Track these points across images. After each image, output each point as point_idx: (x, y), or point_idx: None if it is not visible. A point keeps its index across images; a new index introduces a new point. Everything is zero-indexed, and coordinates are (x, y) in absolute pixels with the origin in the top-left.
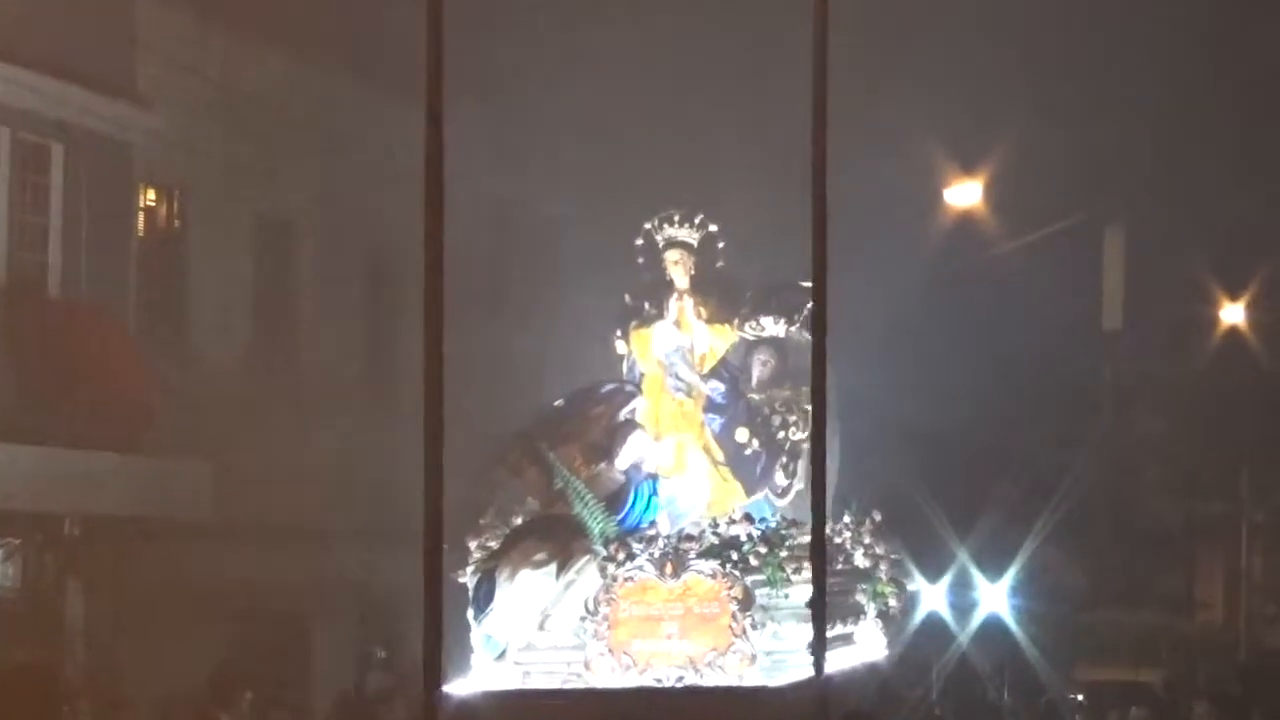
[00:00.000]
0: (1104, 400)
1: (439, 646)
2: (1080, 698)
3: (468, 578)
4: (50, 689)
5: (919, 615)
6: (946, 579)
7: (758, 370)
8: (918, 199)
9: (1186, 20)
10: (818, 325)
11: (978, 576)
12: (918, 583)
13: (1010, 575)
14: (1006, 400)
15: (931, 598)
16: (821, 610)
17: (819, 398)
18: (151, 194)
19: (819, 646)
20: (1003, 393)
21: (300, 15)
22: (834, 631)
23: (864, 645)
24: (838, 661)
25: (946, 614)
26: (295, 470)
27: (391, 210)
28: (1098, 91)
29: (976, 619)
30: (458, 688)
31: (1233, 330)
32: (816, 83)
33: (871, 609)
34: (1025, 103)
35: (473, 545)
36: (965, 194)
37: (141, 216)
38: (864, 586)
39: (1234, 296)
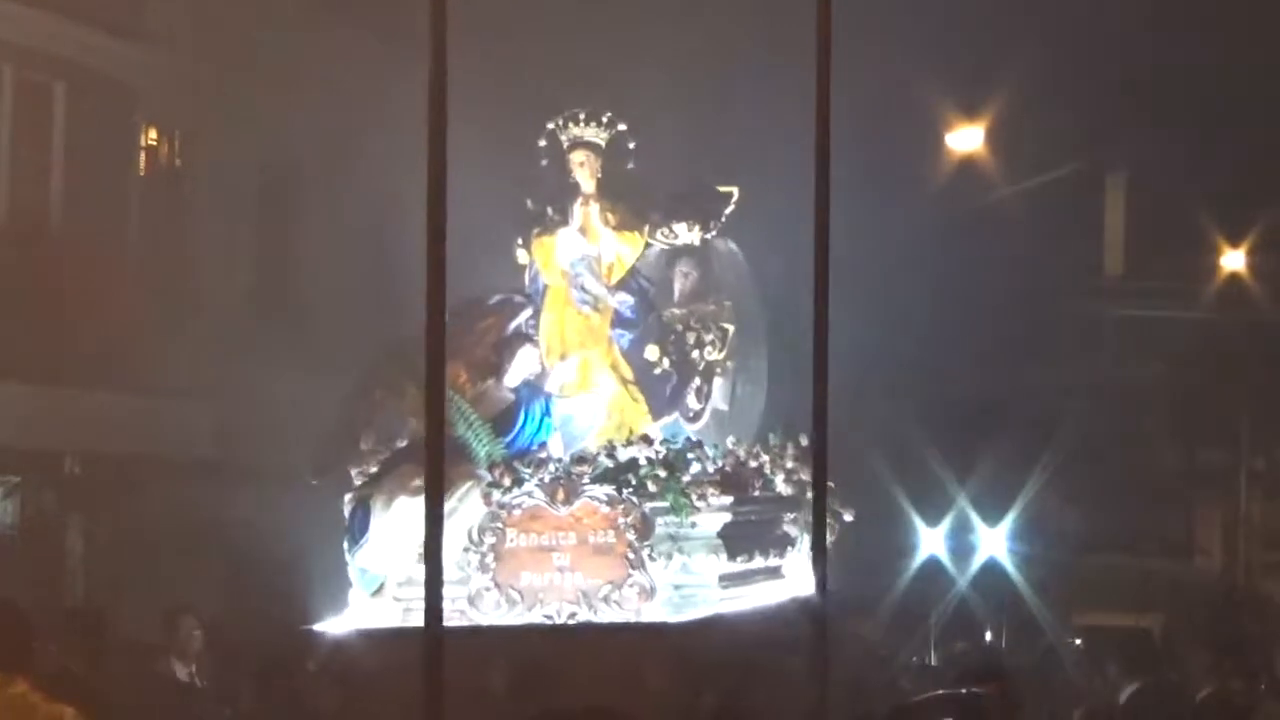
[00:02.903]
0: (1105, 345)
1: (439, 585)
2: (1078, 642)
3: (345, 507)
4: (17, 625)
5: (918, 559)
6: (945, 523)
7: (679, 283)
8: (919, 143)
9: None
10: (819, 318)
11: (977, 521)
12: (920, 527)
13: (1009, 520)
14: (1007, 344)
15: (931, 542)
16: (822, 540)
17: (820, 382)
18: (153, 134)
19: (819, 555)
20: (1003, 336)
21: None
22: (757, 564)
23: (793, 579)
24: (761, 597)
25: (945, 558)
26: (295, 412)
27: (393, 157)
28: (1100, 38)
29: (976, 563)
30: (332, 625)
31: (1234, 276)
32: (821, 41)
33: (804, 541)
34: (1027, 48)
35: (354, 472)
36: (967, 139)
37: (143, 156)
38: (793, 515)
39: (1235, 243)
